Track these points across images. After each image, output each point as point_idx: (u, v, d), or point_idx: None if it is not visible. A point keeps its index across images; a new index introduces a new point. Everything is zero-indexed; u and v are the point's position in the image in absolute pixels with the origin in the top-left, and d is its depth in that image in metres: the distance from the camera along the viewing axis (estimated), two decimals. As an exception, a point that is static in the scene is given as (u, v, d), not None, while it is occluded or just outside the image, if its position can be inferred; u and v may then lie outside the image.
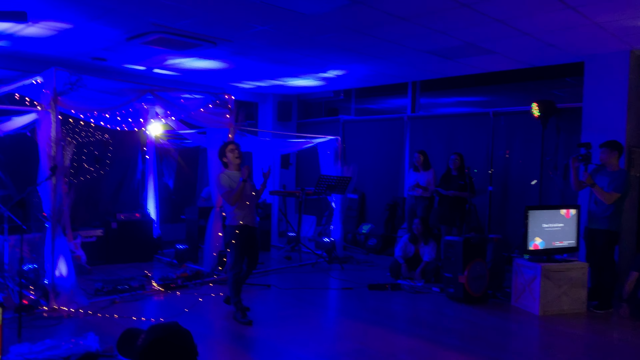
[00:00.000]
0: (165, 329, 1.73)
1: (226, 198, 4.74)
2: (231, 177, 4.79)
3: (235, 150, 4.87)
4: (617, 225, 5.37)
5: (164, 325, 1.76)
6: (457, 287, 5.61)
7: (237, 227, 4.78)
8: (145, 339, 1.72)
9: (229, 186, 4.73)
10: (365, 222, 9.32)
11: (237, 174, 4.81)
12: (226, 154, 4.88)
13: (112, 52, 6.65)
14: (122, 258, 7.17)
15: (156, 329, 1.75)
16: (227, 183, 4.75)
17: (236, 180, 4.74)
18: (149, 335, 1.73)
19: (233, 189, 4.70)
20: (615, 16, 4.78)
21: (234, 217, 4.80)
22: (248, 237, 4.85)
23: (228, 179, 4.78)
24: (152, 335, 1.71)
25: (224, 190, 4.74)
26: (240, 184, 4.66)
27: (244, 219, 4.80)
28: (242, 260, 4.88)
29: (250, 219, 4.87)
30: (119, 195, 7.85)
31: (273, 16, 5.01)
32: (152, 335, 1.72)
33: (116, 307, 5.12)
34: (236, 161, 4.86)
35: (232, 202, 4.72)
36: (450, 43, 5.87)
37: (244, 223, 4.80)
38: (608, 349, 4.41)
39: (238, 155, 4.87)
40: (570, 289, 5.35)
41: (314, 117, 10.71)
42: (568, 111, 6.94)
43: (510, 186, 7.63)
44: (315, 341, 4.41)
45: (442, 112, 8.93)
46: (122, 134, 7.53)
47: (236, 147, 4.92)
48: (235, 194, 4.68)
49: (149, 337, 1.72)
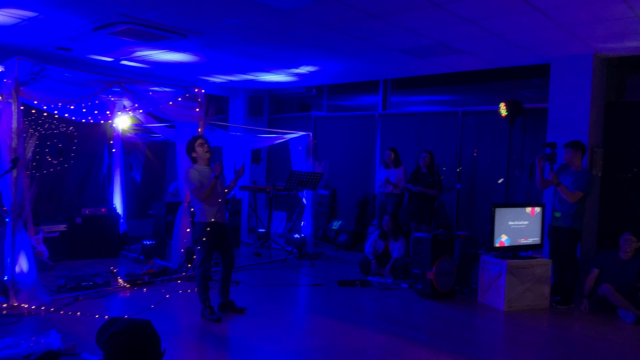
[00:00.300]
0: (137, 322, 1.71)
1: (196, 194, 4.65)
2: (201, 173, 4.71)
3: (205, 145, 4.79)
4: (580, 223, 5.53)
5: (122, 321, 1.73)
6: (426, 283, 5.68)
7: (206, 224, 4.71)
8: (119, 326, 1.70)
9: (198, 182, 4.65)
10: (336, 219, 9.35)
11: (207, 169, 4.74)
12: (195, 149, 4.78)
13: (78, 42, 6.46)
14: (87, 254, 7.00)
15: (130, 321, 1.73)
16: (197, 178, 4.66)
17: (206, 175, 4.67)
18: (122, 323, 1.71)
19: (203, 184, 4.62)
20: (580, 20, 4.91)
21: (203, 213, 4.72)
22: (218, 234, 4.79)
23: (198, 175, 4.69)
24: (113, 329, 1.69)
25: (194, 186, 4.64)
26: (212, 181, 4.59)
27: (214, 215, 4.73)
28: (211, 258, 4.81)
29: (220, 216, 4.80)
30: (84, 189, 7.65)
31: (245, 10, 4.95)
32: (124, 326, 1.69)
33: (80, 304, 4.99)
34: (206, 155, 4.78)
35: (203, 199, 4.63)
36: (421, 42, 5.93)
37: (213, 220, 4.72)
38: (569, 342, 4.54)
39: (208, 149, 4.78)
40: (534, 285, 5.49)
41: (285, 113, 10.67)
42: (534, 111, 7.11)
43: (478, 184, 7.77)
44: (284, 337, 4.39)
45: (413, 111, 9.03)
46: (88, 127, 7.34)
47: (205, 141, 4.83)
48: (206, 190, 4.60)
49: (104, 331, 1.71)
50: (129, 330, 1.65)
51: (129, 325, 1.66)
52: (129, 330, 1.65)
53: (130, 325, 1.66)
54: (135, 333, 1.65)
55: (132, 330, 1.65)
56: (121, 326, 1.67)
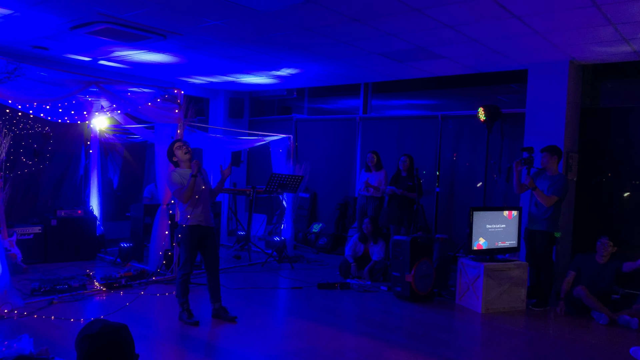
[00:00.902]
0: (99, 326, 1.67)
1: (178, 195, 4.62)
2: (182, 175, 4.68)
3: (183, 147, 4.76)
4: (555, 227, 5.62)
5: (101, 323, 1.70)
6: (404, 285, 5.72)
7: (189, 226, 4.66)
8: (92, 328, 1.67)
9: (180, 183, 4.62)
10: (316, 222, 9.35)
11: (189, 172, 4.71)
12: (174, 152, 4.76)
13: (54, 41, 6.35)
14: (62, 257, 6.87)
15: (104, 322, 1.70)
16: (179, 180, 4.64)
17: (188, 177, 4.65)
18: (95, 324, 1.68)
19: (184, 186, 4.60)
20: (556, 27, 5.01)
21: (186, 215, 4.68)
22: (202, 238, 4.74)
23: (179, 177, 4.66)
24: (86, 331, 1.66)
25: (176, 188, 4.62)
26: (191, 180, 4.56)
27: (197, 218, 4.68)
28: (193, 261, 4.76)
29: (204, 218, 4.75)
30: (59, 190, 7.50)
31: (225, 11, 4.92)
32: (85, 331, 1.67)
33: (54, 308, 4.89)
34: (185, 157, 4.74)
35: (185, 199, 4.60)
36: (401, 46, 5.97)
37: (197, 222, 4.68)
38: (545, 344, 4.61)
39: (186, 150, 4.76)
40: (511, 287, 5.56)
41: (266, 115, 10.64)
42: (512, 116, 7.22)
43: (456, 188, 7.85)
44: (263, 341, 4.37)
45: (393, 114, 9.09)
46: (64, 127, 7.21)
47: (183, 143, 4.80)
48: (187, 190, 4.57)
49: (95, 325, 1.68)
50: (101, 333, 1.62)
51: (101, 329, 1.64)
52: (101, 334, 1.62)
53: (102, 329, 1.63)
54: (107, 337, 1.62)
55: (104, 333, 1.62)
56: (93, 329, 1.65)
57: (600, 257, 5.44)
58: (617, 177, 6.58)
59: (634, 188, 6.47)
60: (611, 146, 6.57)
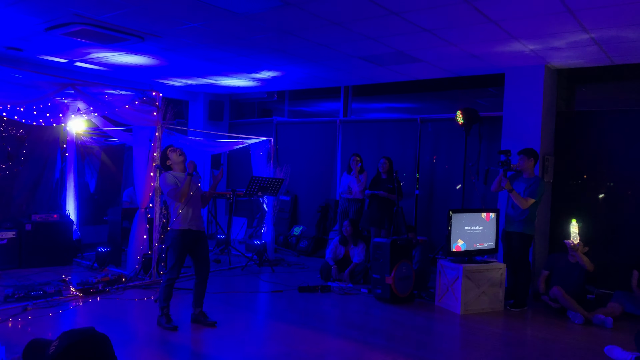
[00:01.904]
0: (79, 334, 1.59)
1: (173, 195, 4.56)
2: (176, 177, 4.65)
3: (177, 149, 4.77)
4: (532, 228, 5.72)
5: (77, 331, 1.62)
6: (385, 288, 5.74)
7: (179, 230, 4.61)
8: (58, 346, 1.57)
9: (174, 184, 4.59)
10: (297, 224, 9.33)
11: (182, 175, 4.69)
12: (168, 155, 4.74)
13: (29, 42, 6.23)
14: (38, 262, 6.72)
15: (69, 334, 1.60)
16: (173, 181, 4.60)
17: (182, 179, 4.62)
18: (61, 342, 1.58)
19: (179, 186, 4.57)
20: (532, 32, 5.10)
21: (178, 219, 4.63)
22: (192, 242, 4.69)
23: (173, 178, 4.63)
24: (65, 342, 1.57)
25: (170, 188, 4.57)
26: (187, 178, 4.54)
27: (189, 222, 4.64)
28: (180, 266, 4.70)
29: (195, 222, 4.71)
30: (34, 194, 7.34)
31: (204, 13, 4.89)
32: (64, 342, 1.57)
33: (28, 315, 4.78)
34: (180, 159, 4.72)
35: (181, 198, 4.55)
36: (381, 50, 6.01)
37: (187, 227, 4.63)
38: (522, 344, 4.67)
39: (180, 153, 4.75)
40: (489, 288, 5.63)
41: (246, 118, 10.60)
42: (490, 119, 7.32)
43: (436, 190, 7.92)
44: (243, 345, 4.34)
45: (373, 117, 9.14)
46: (40, 130, 7.08)
47: (177, 148, 4.82)
48: (183, 188, 4.53)
49: (61, 343, 1.58)
50: (82, 340, 1.55)
51: (78, 335, 1.56)
52: (82, 341, 1.55)
53: (80, 335, 1.56)
54: (90, 342, 1.55)
55: (86, 339, 1.55)
56: (72, 338, 1.57)
57: (571, 256, 5.56)
58: (592, 179, 6.72)
59: (608, 190, 6.62)
60: (586, 149, 6.71)
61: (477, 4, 4.36)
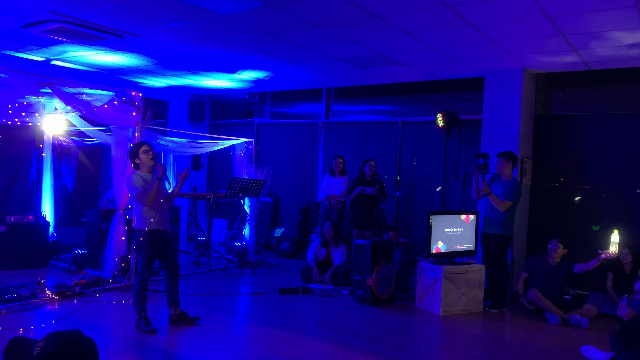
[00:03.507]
0: (67, 337, 1.56)
1: (140, 199, 4.50)
2: (144, 179, 4.57)
3: (149, 152, 4.63)
4: (510, 230, 5.79)
5: (64, 333, 1.58)
6: (365, 289, 5.75)
7: (146, 231, 4.56)
8: (46, 348, 1.53)
9: (142, 187, 4.51)
10: (279, 226, 9.30)
11: (150, 176, 4.61)
12: (139, 155, 4.62)
13: (5, 39, 6.09)
14: (12, 264, 6.57)
15: (56, 336, 1.57)
16: (140, 184, 4.52)
17: (149, 182, 4.54)
18: (49, 343, 1.54)
19: (146, 189, 4.50)
20: (511, 36, 5.18)
21: (143, 220, 4.57)
22: (159, 243, 4.65)
23: (141, 180, 4.55)
24: (53, 344, 1.53)
25: (137, 191, 4.50)
26: (155, 183, 4.46)
27: (155, 222, 4.58)
28: (150, 267, 4.66)
29: (162, 223, 4.67)
30: (9, 195, 7.18)
31: (185, 13, 4.85)
32: (53, 344, 1.53)
33: (1, 319, 4.67)
34: (150, 163, 4.62)
35: (148, 203, 4.50)
36: (362, 52, 6.03)
37: (155, 227, 4.58)
38: (501, 345, 4.73)
39: (152, 156, 4.63)
40: (468, 290, 5.68)
41: (228, 119, 10.53)
42: (470, 122, 7.40)
43: (416, 192, 7.98)
44: (222, 348, 4.30)
45: (355, 119, 9.17)
46: (14, 129, 6.93)
47: (150, 148, 4.66)
48: (150, 193, 4.47)
49: (49, 345, 1.54)
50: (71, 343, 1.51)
51: (67, 338, 1.53)
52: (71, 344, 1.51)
53: (68, 338, 1.52)
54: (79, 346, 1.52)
55: (75, 342, 1.52)
56: (60, 341, 1.53)
57: (551, 259, 5.65)
58: (569, 182, 6.84)
59: (584, 192, 6.74)
60: (563, 152, 6.83)
61: (458, 8, 4.41)
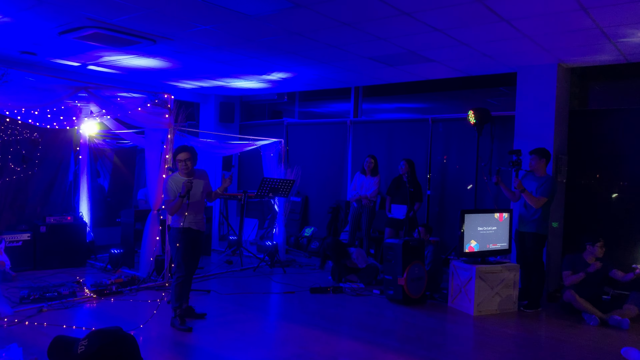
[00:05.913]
0: (110, 335, 1.60)
1: (166, 207, 4.74)
2: (178, 184, 4.69)
3: (183, 163, 4.67)
4: (545, 228, 5.66)
5: (107, 331, 1.63)
6: (397, 289, 5.72)
7: (179, 229, 4.68)
8: (90, 346, 1.58)
9: (172, 194, 4.66)
10: (308, 226, 9.33)
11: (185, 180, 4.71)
12: (177, 161, 4.75)
13: (43, 46, 6.30)
14: (52, 264, 6.79)
15: (99, 335, 1.61)
16: (172, 191, 4.66)
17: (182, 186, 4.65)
18: (93, 341, 1.59)
19: (172, 201, 4.64)
20: (544, 30, 5.06)
21: (177, 219, 4.71)
22: (192, 241, 4.76)
23: (174, 186, 4.67)
24: (98, 342, 1.58)
25: (167, 198, 4.70)
26: (177, 200, 4.58)
27: (189, 221, 4.71)
28: (188, 262, 4.77)
29: (196, 223, 4.79)
30: (48, 197, 7.41)
31: (215, 16, 4.91)
32: (97, 342, 1.58)
33: (44, 316, 4.83)
34: (183, 172, 4.72)
35: (171, 213, 4.70)
36: (391, 50, 5.99)
37: (188, 225, 4.71)
38: (536, 345, 4.63)
39: (183, 167, 4.69)
40: (502, 289, 5.59)
41: (257, 119, 10.63)
42: (501, 119, 7.26)
43: (447, 190, 7.88)
44: (256, 346, 4.35)
45: (384, 118, 9.11)
46: (53, 133, 7.15)
47: (185, 158, 4.66)
48: (173, 206, 4.61)
49: (93, 343, 1.59)
50: (115, 341, 1.56)
51: (110, 336, 1.57)
52: (115, 342, 1.56)
53: (111, 336, 1.57)
54: (122, 343, 1.56)
55: (118, 340, 1.56)
56: (104, 339, 1.57)
57: (592, 258, 5.46)
58: (605, 179, 6.64)
59: (622, 189, 6.53)
60: (600, 148, 6.64)
61: (489, 3, 4.33)
